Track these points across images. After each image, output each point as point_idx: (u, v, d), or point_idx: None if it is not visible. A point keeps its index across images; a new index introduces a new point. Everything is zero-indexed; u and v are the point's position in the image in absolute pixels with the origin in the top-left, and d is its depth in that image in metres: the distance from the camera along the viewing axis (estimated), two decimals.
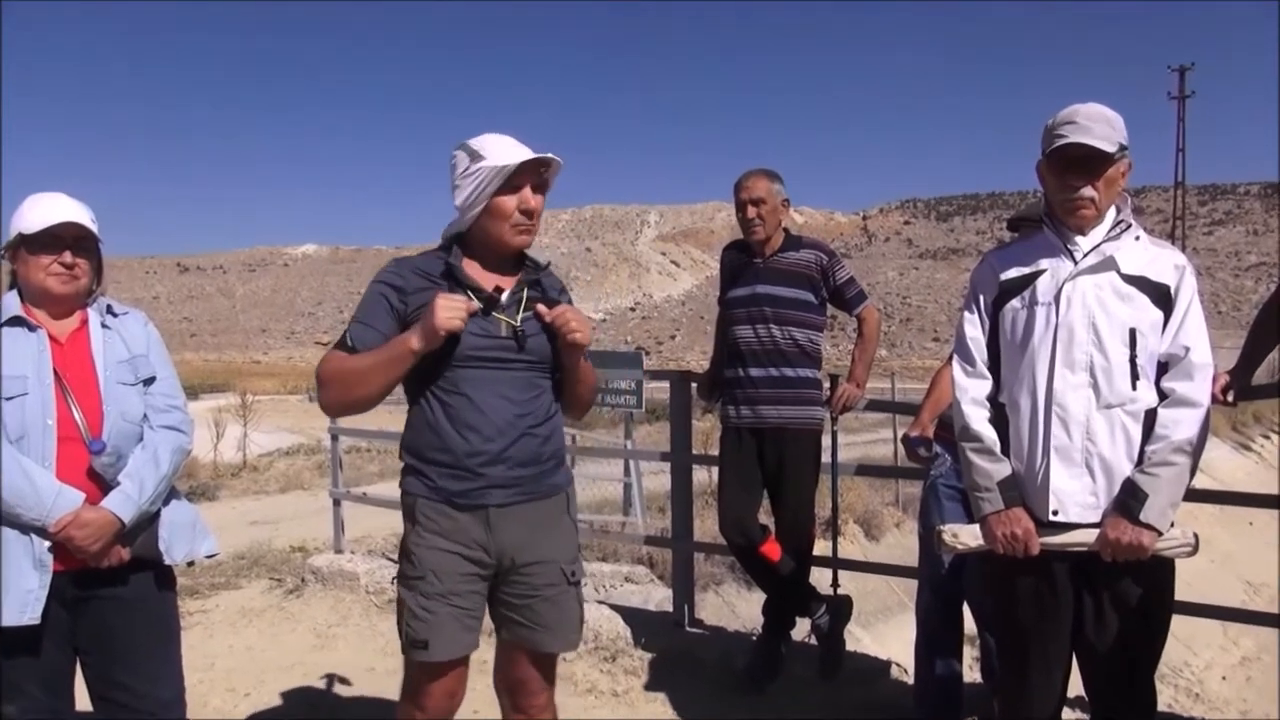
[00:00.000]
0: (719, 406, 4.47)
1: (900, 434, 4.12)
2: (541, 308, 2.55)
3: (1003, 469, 2.61)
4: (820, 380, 4.33)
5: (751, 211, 4.23)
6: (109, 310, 2.83)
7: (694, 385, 5.01)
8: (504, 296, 2.52)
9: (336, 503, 6.97)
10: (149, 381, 2.80)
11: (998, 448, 2.63)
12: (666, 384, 5.39)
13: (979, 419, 2.66)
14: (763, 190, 4.23)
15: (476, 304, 2.47)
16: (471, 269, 2.57)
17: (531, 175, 2.51)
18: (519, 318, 2.53)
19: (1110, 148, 2.54)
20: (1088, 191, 2.58)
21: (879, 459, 13.94)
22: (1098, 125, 2.54)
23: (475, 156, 2.50)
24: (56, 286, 2.70)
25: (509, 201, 2.50)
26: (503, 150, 2.50)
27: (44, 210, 2.68)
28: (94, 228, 2.75)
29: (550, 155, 2.52)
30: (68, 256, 2.69)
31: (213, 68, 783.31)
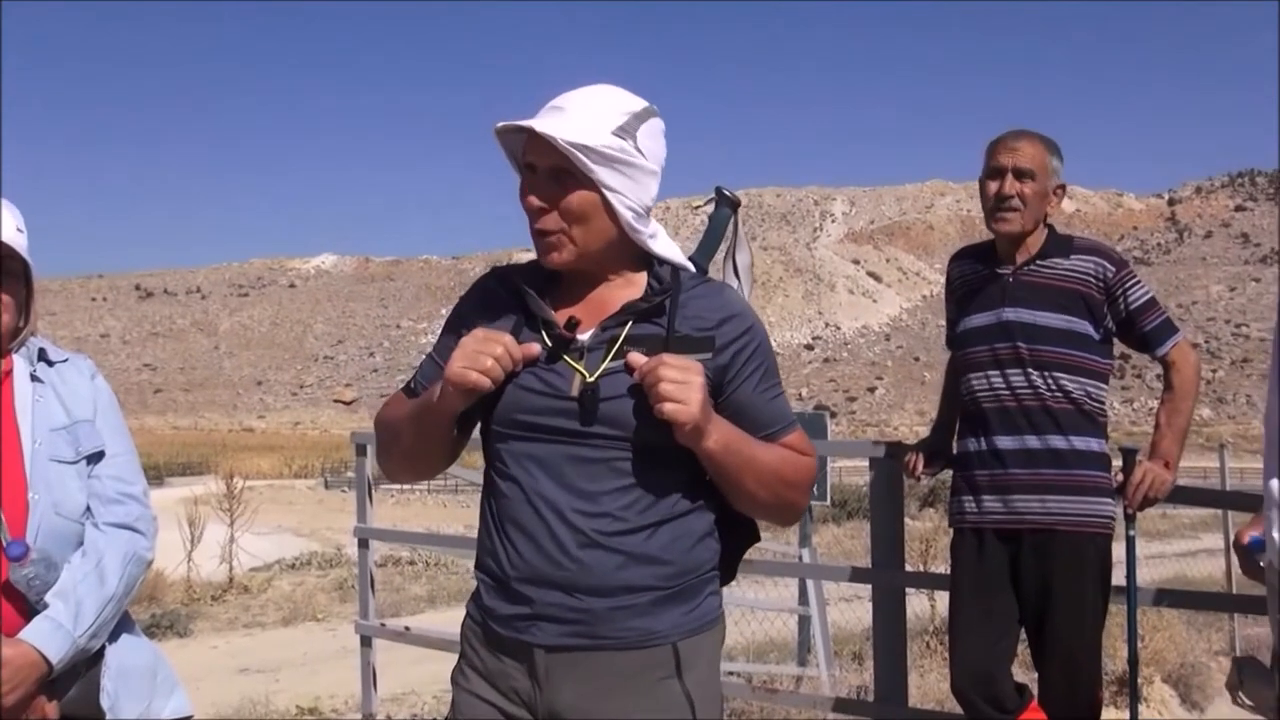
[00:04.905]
0: (950, 499, 4.42)
1: (1233, 538, 3.99)
2: (635, 356, 2.42)
3: None
4: (1108, 455, 4.25)
5: (1012, 185, 4.17)
6: (42, 357, 2.93)
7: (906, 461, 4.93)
8: (585, 336, 2.47)
9: (366, 641, 7.07)
10: (94, 459, 2.89)
11: None
12: (864, 462, 5.34)
13: None
14: (1034, 159, 4.18)
15: (536, 346, 2.45)
16: (566, 290, 2.56)
17: (540, 153, 2.44)
18: (601, 367, 2.46)
19: None
20: None
21: (1201, 581, 13.54)
22: None
23: None
24: None
25: (523, 199, 2.49)
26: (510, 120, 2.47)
27: None
28: (21, 243, 2.84)
29: (526, 123, 2.41)
30: None
31: (187, 18, 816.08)
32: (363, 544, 7.24)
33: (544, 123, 2.38)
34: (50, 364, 2.94)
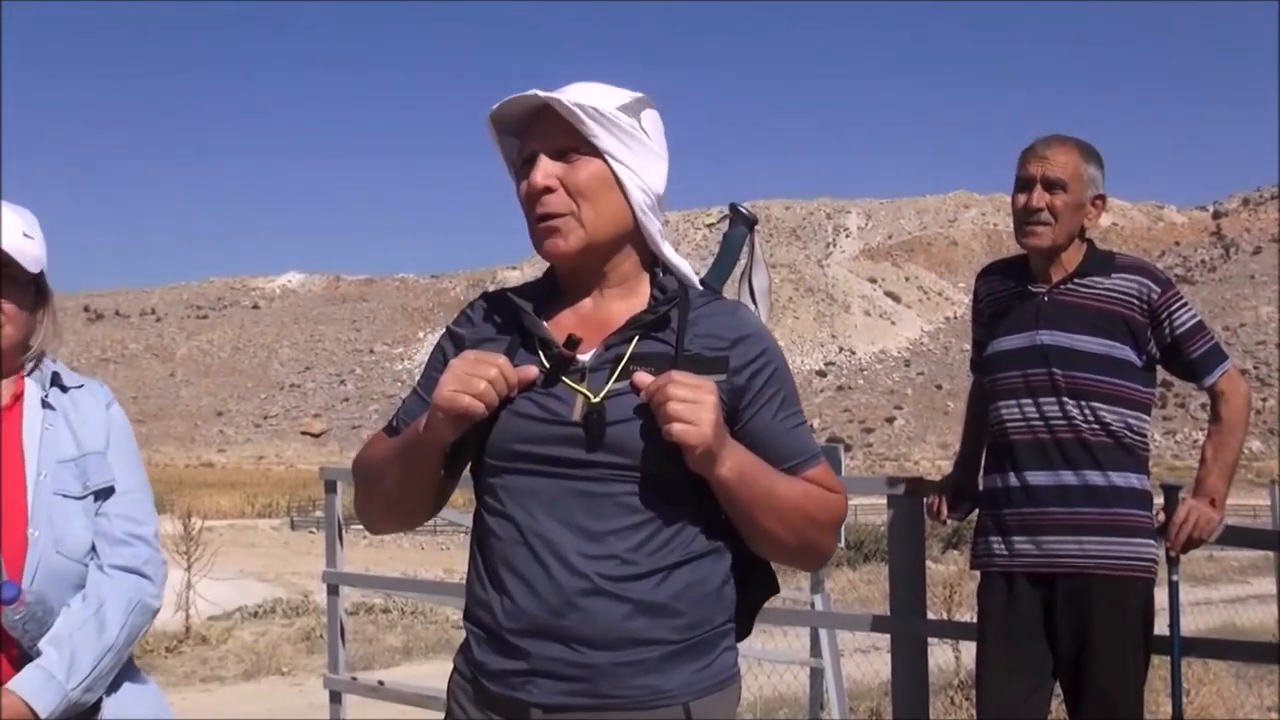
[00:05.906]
0: (974, 539, 4.41)
1: None
2: (641, 375, 2.36)
3: None
4: (1149, 493, 4.24)
5: (1040, 197, 4.17)
6: (55, 381, 2.94)
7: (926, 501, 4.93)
8: (586, 355, 2.43)
9: (335, 697, 7.05)
10: (103, 494, 2.89)
11: None
12: (882, 499, 5.33)
13: None
14: (1066, 168, 4.18)
15: (533, 369, 2.41)
16: (564, 305, 2.56)
17: (541, 137, 2.47)
18: (606, 388, 2.41)
19: None
20: None
21: (1251, 630, 13.54)
22: None
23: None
24: None
25: (524, 184, 2.48)
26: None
27: None
28: (27, 250, 2.84)
29: (532, 91, 2.43)
30: None
31: (141, 19, 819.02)
32: (332, 590, 7.22)
33: (549, 95, 2.39)
34: (64, 389, 2.95)
